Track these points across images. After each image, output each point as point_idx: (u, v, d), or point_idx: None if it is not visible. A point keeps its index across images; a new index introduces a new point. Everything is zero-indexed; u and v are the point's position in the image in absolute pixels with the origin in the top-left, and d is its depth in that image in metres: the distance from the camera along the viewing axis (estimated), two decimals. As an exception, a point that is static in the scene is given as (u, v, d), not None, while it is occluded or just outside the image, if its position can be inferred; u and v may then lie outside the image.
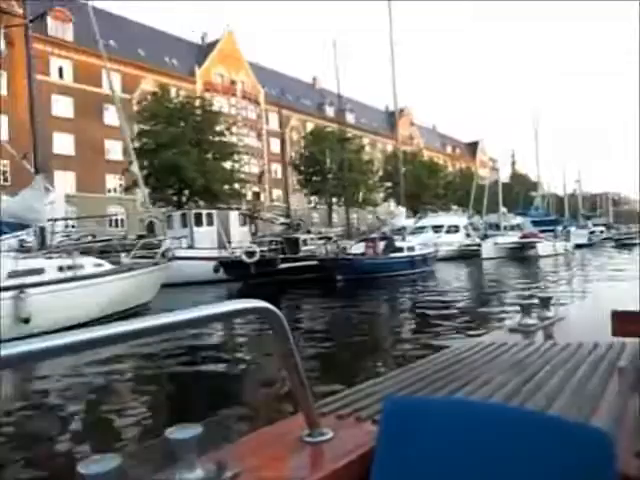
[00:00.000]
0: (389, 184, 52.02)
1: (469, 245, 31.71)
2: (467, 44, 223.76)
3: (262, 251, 19.66)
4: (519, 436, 0.85)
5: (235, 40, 52.66)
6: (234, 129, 49.54)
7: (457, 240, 32.10)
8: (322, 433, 1.11)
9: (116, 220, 43.11)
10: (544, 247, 30.36)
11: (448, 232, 34.24)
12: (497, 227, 35.14)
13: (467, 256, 30.40)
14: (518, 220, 38.88)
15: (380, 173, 52.79)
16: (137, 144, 28.87)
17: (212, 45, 51.98)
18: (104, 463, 0.76)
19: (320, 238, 22.85)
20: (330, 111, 62.56)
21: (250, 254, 17.75)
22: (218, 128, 29.83)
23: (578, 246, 38.46)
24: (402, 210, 23.52)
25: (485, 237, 33.42)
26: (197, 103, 29.72)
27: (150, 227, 27.59)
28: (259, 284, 17.05)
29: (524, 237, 32.51)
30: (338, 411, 1.27)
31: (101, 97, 41.15)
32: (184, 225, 22.25)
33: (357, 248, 19.73)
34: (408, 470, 0.91)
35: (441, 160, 72.39)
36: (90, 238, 13.43)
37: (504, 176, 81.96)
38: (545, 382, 1.48)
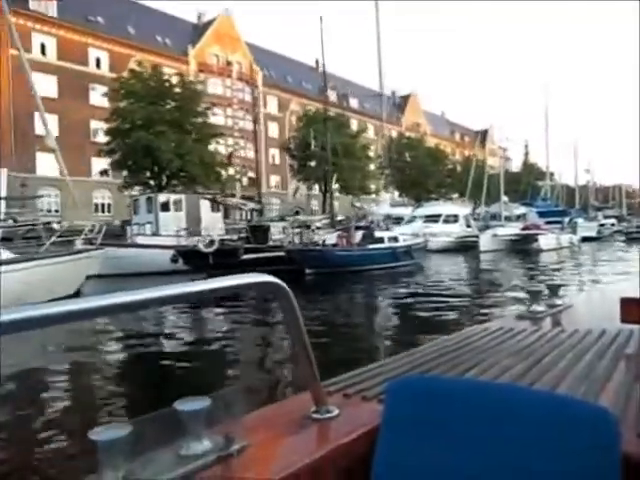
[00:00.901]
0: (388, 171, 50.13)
1: (467, 236, 29.72)
2: (483, 31, 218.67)
3: (230, 240, 17.94)
4: (526, 415, 0.86)
5: (232, 19, 50.51)
6: (229, 111, 47.77)
7: (454, 231, 30.11)
8: (328, 410, 1.12)
9: (102, 205, 41.78)
10: (547, 240, 28.21)
11: (446, 222, 32.37)
12: (493, 217, 33.15)
13: (466, 248, 28.56)
14: (522, 210, 36.74)
15: (381, 159, 50.81)
16: (113, 124, 27.34)
17: (209, 25, 49.94)
18: (114, 431, 0.78)
19: (299, 226, 21.04)
20: (332, 95, 60.40)
21: (209, 243, 16.00)
22: (199, 108, 27.93)
23: (586, 239, 36.22)
24: (386, 197, 21.56)
25: (486, 228, 31.53)
26: (175, 80, 27.76)
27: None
28: (218, 276, 15.38)
29: (526, 229, 30.39)
30: (345, 390, 1.28)
31: (88, 76, 39.61)
32: (150, 210, 20.60)
33: (332, 238, 17.86)
34: (413, 447, 0.92)
35: (449, 148, 70.03)
36: (11, 222, 11.69)
37: (515, 165, 79.88)
38: (552, 366, 1.48)
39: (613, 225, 49.97)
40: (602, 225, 46.84)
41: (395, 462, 0.93)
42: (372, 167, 50.14)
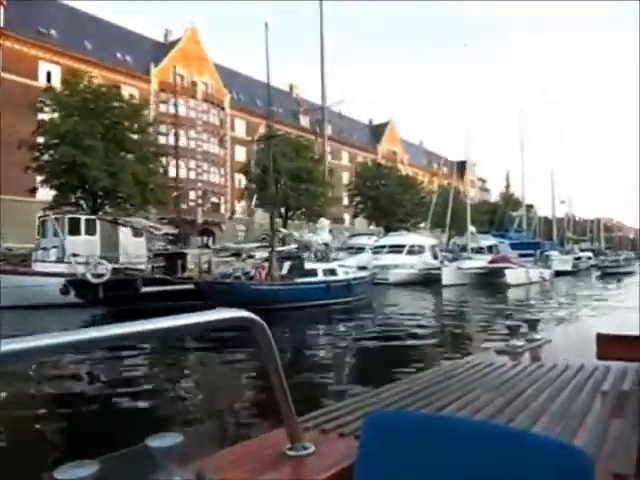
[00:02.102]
0: (359, 199, 48.15)
1: (431, 269, 27.45)
2: (462, 63, 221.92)
3: (135, 269, 15.38)
4: (500, 453, 0.84)
5: (199, 39, 48.78)
6: (192, 133, 45.56)
7: (416, 262, 27.85)
8: (304, 447, 1.10)
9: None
10: (515, 274, 25.87)
11: (411, 253, 30.18)
12: (464, 249, 30.96)
13: (430, 281, 26.27)
14: (491, 242, 34.65)
15: (351, 186, 48.97)
16: (41, 139, 24.99)
17: (175, 43, 48.17)
18: (81, 469, 0.75)
19: (231, 255, 18.57)
20: (305, 120, 58.83)
21: (99, 272, 13.46)
22: (140, 124, 25.60)
23: (560, 273, 34.13)
24: (325, 223, 19.19)
25: (454, 260, 29.38)
26: (113, 93, 25.50)
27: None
28: (109, 314, 12.81)
29: (493, 262, 28.18)
30: (322, 426, 1.26)
31: (35, 90, 37.24)
32: (57, 233, 18.01)
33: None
34: None
35: (426, 177, 68.46)
36: None
37: (493, 197, 78.72)
38: (530, 402, 1.47)
39: (590, 259, 48.19)
40: (578, 258, 44.98)
41: None
42: (344, 194, 48.50)
